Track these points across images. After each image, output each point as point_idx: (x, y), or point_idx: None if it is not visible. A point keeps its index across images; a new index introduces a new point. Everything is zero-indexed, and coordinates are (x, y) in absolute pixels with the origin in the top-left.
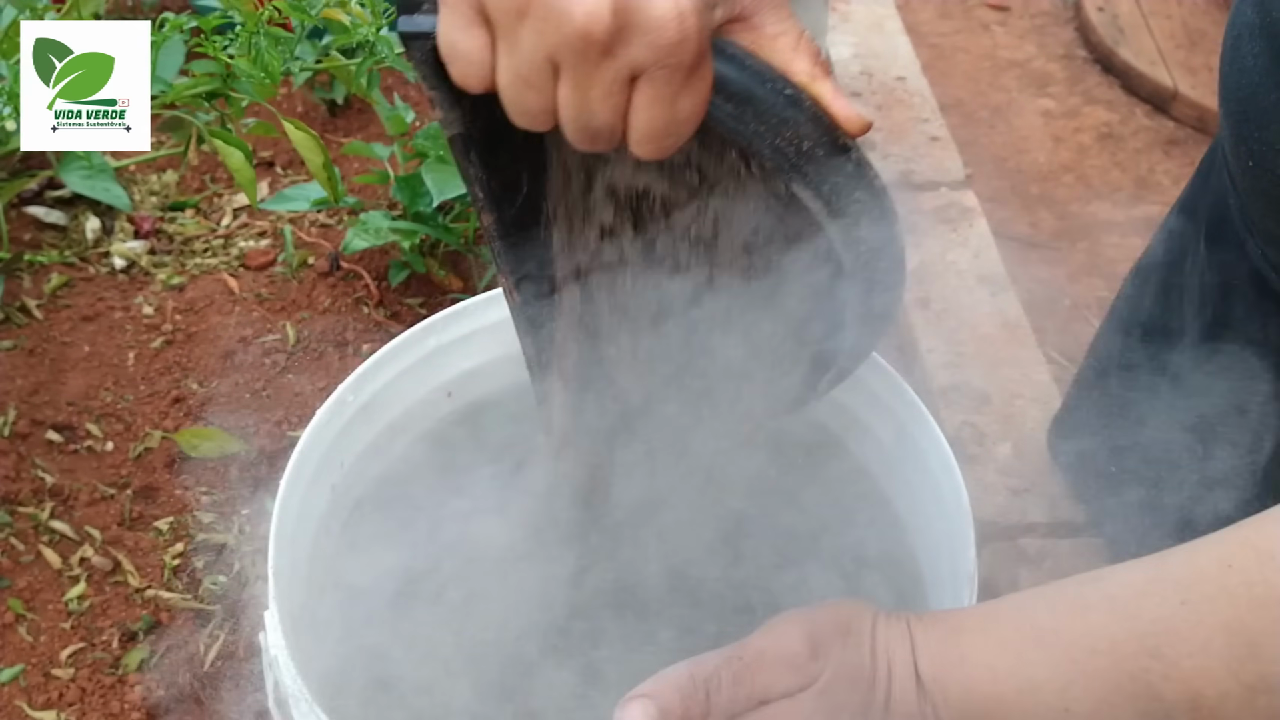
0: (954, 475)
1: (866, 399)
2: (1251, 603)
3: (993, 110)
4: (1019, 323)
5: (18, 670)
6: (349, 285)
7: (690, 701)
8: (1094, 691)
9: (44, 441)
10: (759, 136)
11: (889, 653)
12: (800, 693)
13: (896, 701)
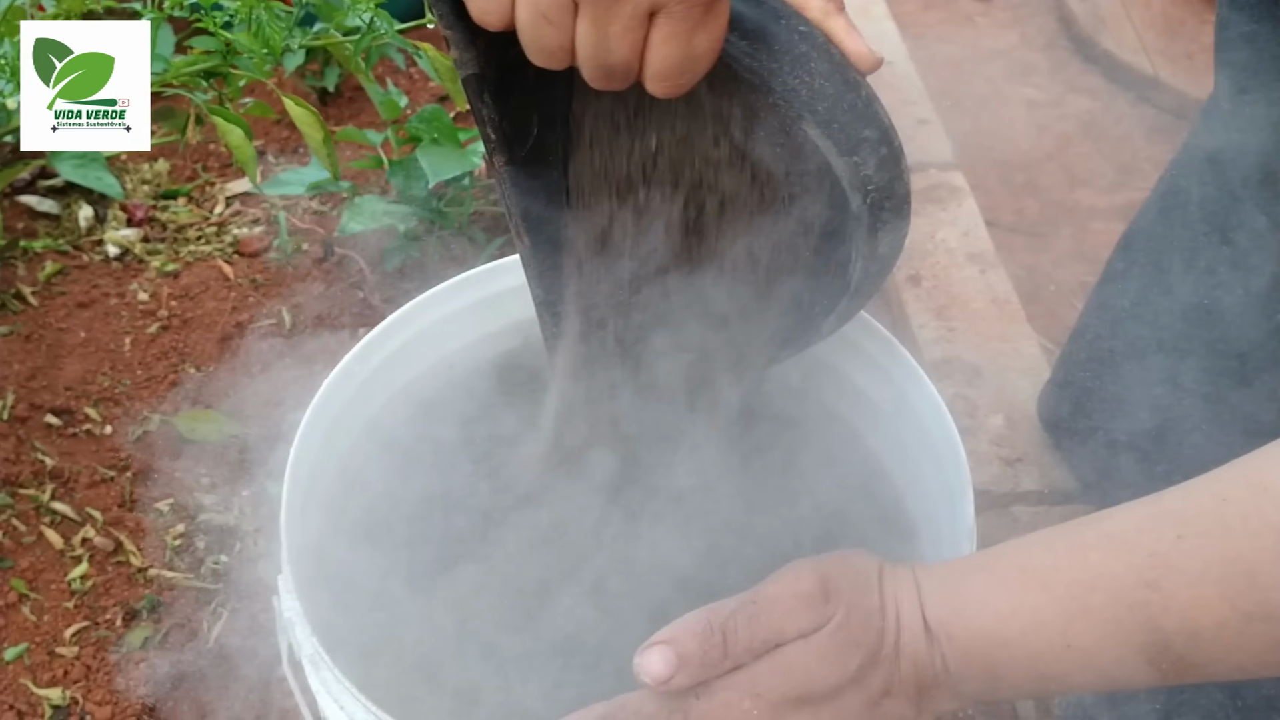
0: (951, 433)
1: (864, 364)
2: (1247, 534)
3: (977, 100)
4: (1008, 298)
5: (22, 649)
6: (344, 271)
7: (708, 645)
8: (1094, 627)
9: (43, 425)
10: (772, 73)
11: (896, 599)
12: (814, 633)
13: (906, 644)
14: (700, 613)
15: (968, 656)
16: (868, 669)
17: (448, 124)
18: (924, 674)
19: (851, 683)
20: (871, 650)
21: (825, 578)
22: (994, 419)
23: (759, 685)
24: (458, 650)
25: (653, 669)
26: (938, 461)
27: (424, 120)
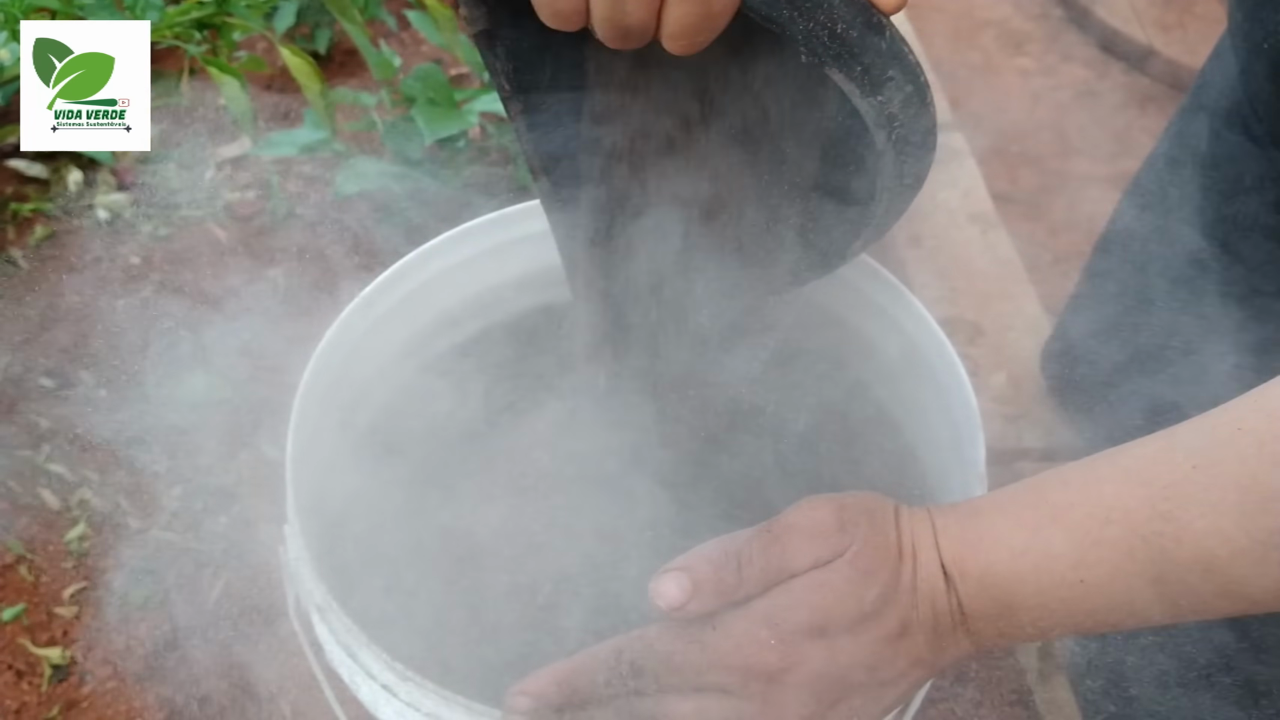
0: (962, 381)
1: (872, 314)
2: (1263, 460)
3: (971, 70)
4: (1009, 259)
5: (20, 609)
6: (338, 234)
7: (722, 571)
8: (1107, 560)
9: (37, 387)
10: (792, 22)
11: (913, 537)
12: (830, 562)
13: (922, 583)
14: (715, 541)
15: (982, 594)
16: (884, 604)
17: (443, 83)
18: (941, 616)
19: (868, 616)
20: (887, 585)
21: (841, 509)
22: (996, 377)
23: (775, 616)
24: (466, 596)
25: (667, 593)
26: (948, 410)
27: (419, 80)
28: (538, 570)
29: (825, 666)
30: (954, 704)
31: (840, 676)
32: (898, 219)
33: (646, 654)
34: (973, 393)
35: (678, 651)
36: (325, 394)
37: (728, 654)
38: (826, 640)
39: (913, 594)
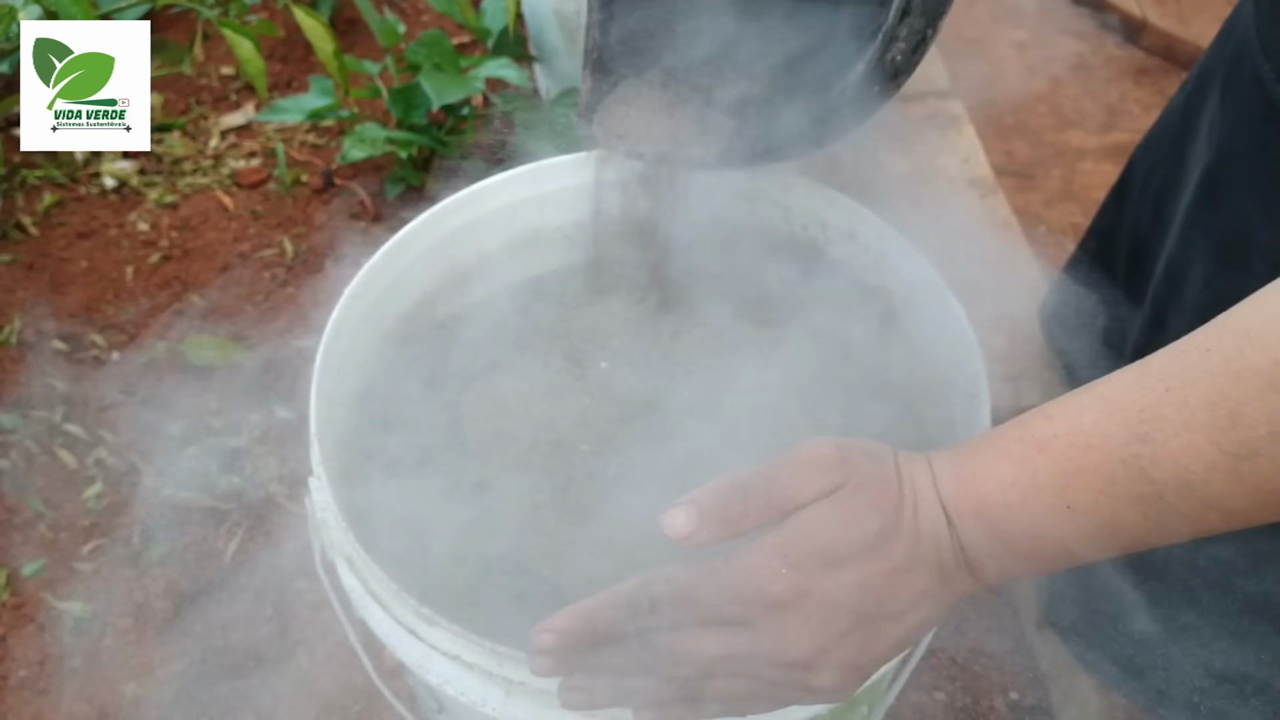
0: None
1: (874, 263)
2: (1229, 377)
3: (966, 42)
4: (1008, 221)
5: (40, 565)
6: (344, 201)
7: (728, 503)
8: (1090, 485)
9: (51, 350)
10: None
11: (913, 478)
12: (832, 493)
13: (923, 521)
14: (722, 477)
15: (979, 530)
16: (888, 537)
17: (449, 50)
18: (944, 554)
19: (874, 548)
20: (889, 518)
21: (842, 447)
22: (996, 338)
23: (784, 546)
24: (488, 543)
25: (675, 524)
26: (951, 358)
27: (425, 45)
28: (561, 514)
29: (835, 595)
30: (955, 653)
31: (850, 606)
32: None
33: (665, 589)
34: (978, 345)
35: (694, 585)
36: (347, 351)
37: (740, 585)
38: (835, 570)
39: (915, 531)
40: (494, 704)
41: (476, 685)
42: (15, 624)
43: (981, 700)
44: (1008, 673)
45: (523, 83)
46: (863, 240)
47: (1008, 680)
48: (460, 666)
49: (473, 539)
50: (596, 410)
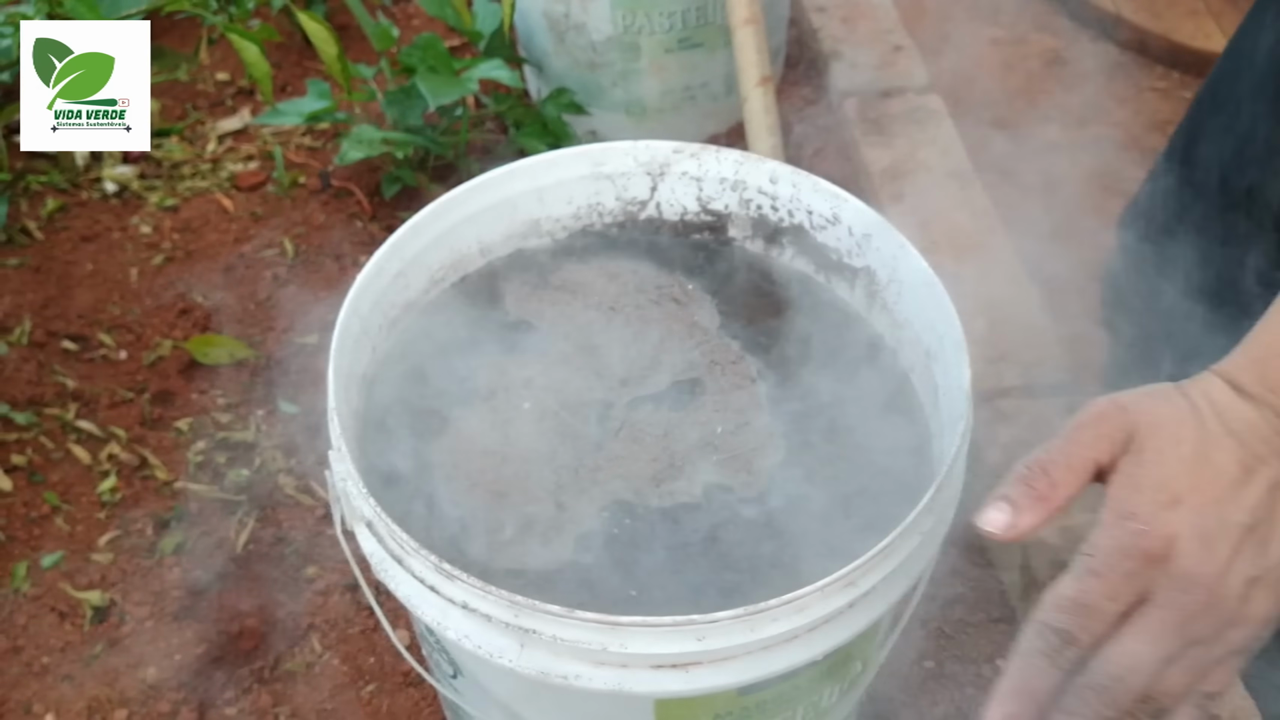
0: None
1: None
2: None
3: (943, 39)
4: (986, 211)
5: (58, 556)
6: (341, 202)
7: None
8: None
9: (60, 350)
10: None
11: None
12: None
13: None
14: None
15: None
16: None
17: (443, 52)
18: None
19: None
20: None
21: (1115, 399)
22: (976, 322)
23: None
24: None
25: (994, 520)
26: (935, 331)
27: (420, 49)
28: (572, 480)
29: (1197, 525)
30: (941, 623)
31: (1217, 529)
32: None
33: (1056, 616)
34: (956, 315)
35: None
36: (359, 334)
37: (1114, 566)
38: (1181, 505)
39: (1229, 437)
40: (510, 655)
41: (493, 637)
42: (36, 613)
43: (969, 668)
44: (992, 641)
45: (514, 83)
46: (846, 224)
47: (994, 648)
48: (477, 620)
49: (481, 501)
50: (595, 378)
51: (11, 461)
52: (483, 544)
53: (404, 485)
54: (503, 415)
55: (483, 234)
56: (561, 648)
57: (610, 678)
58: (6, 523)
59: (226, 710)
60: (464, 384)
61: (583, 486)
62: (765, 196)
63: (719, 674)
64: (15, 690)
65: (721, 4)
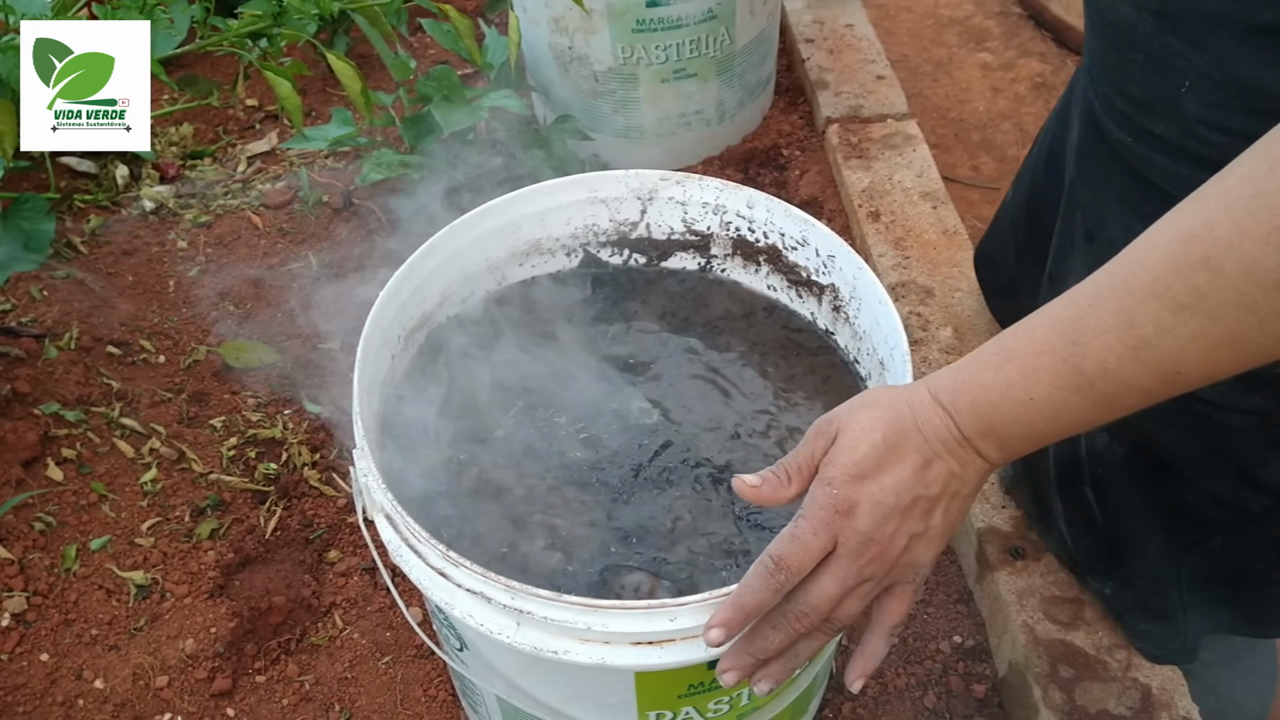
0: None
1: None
2: (1126, 291)
3: (935, 64)
4: (957, 229)
5: (105, 540)
6: (362, 220)
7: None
8: (1043, 381)
9: (105, 354)
10: None
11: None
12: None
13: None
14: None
15: (973, 421)
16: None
17: (456, 82)
18: (950, 444)
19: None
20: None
21: (831, 412)
22: (944, 331)
23: (824, 476)
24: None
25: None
26: (886, 343)
27: (434, 79)
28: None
29: (876, 494)
30: None
31: (894, 502)
32: None
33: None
34: (892, 306)
35: (789, 533)
36: (381, 343)
37: (814, 516)
38: (868, 480)
39: (919, 432)
40: (509, 632)
41: (494, 617)
42: (86, 590)
43: (929, 644)
44: (952, 619)
45: (522, 111)
46: (813, 245)
47: (951, 626)
48: (479, 601)
49: (486, 492)
50: (587, 378)
51: (63, 455)
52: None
53: (414, 476)
54: (510, 419)
55: (490, 253)
56: (552, 627)
57: (595, 653)
58: (58, 510)
59: (257, 678)
60: (469, 386)
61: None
62: (743, 220)
63: (691, 650)
64: (68, 659)
65: (714, 38)
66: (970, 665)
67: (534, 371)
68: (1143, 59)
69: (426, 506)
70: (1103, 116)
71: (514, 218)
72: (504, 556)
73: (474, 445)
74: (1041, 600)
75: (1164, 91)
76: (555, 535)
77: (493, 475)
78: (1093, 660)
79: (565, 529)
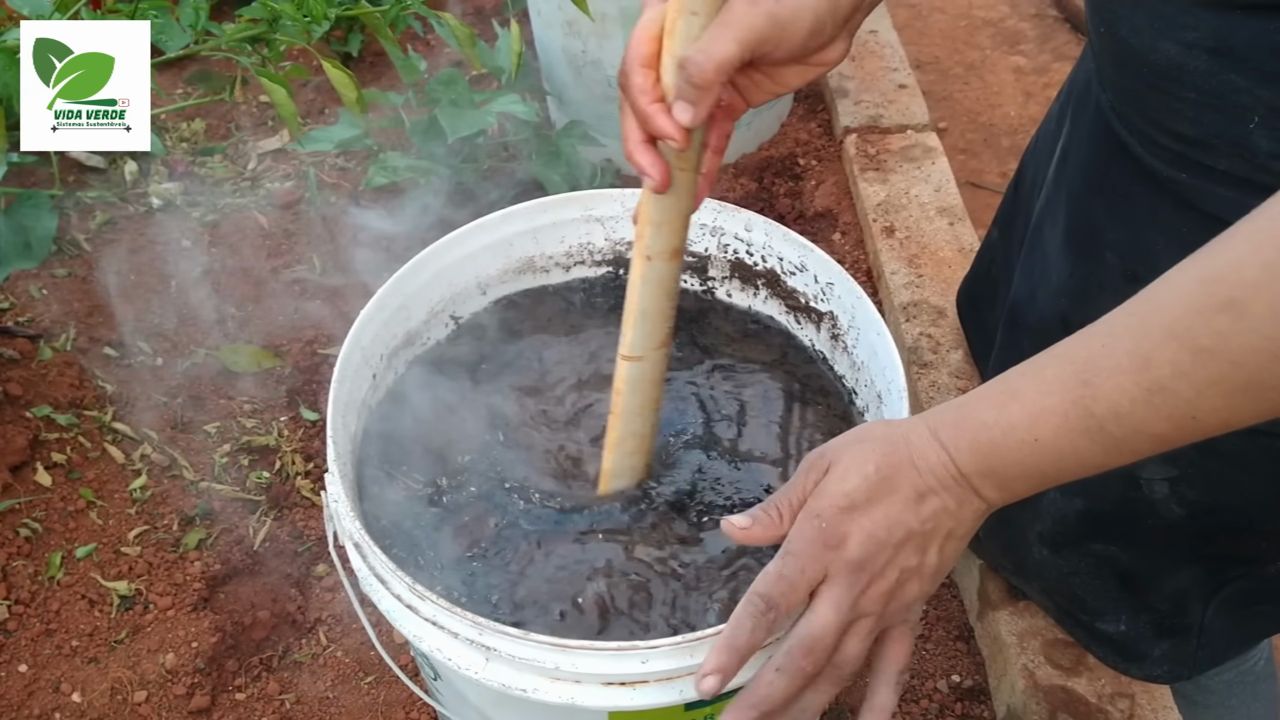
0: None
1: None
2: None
3: (967, 67)
4: (973, 247)
5: (91, 548)
6: (370, 221)
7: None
8: (1051, 422)
9: (102, 356)
10: None
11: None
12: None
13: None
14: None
15: (972, 459)
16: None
17: (464, 86)
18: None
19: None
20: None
21: (825, 446)
22: (955, 355)
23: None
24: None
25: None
26: (884, 377)
27: (442, 83)
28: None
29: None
30: None
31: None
32: None
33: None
34: (890, 337)
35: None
36: (360, 363)
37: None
38: (858, 512)
39: (914, 467)
40: (477, 668)
41: (463, 651)
42: (69, 600)
43: (926, 682)
44: (951, 657)
45: (530, 116)
46: (812, 271)
47: (950, 664)
48: (447, 636)
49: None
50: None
51: (52, 459)
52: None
53: (396, 501)
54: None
55: (480, 271)
56: (521, 664)
57: (565, 692)
58: (45, 516)
59: (237, 695)
60: (457, 405)
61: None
62: (741, 242)
63: (665, 692)
64: (46, 670)
65: None
66: (968, 706)
67: (522, 390)
68: (1195, 98)
69: (407, 530)
70: (1143, 155)
71: (506, 234)
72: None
73: (458, 467)
74: (1043, 643)
75: (1226, 129)
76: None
77: (476, 498)
78: (1094, 709)
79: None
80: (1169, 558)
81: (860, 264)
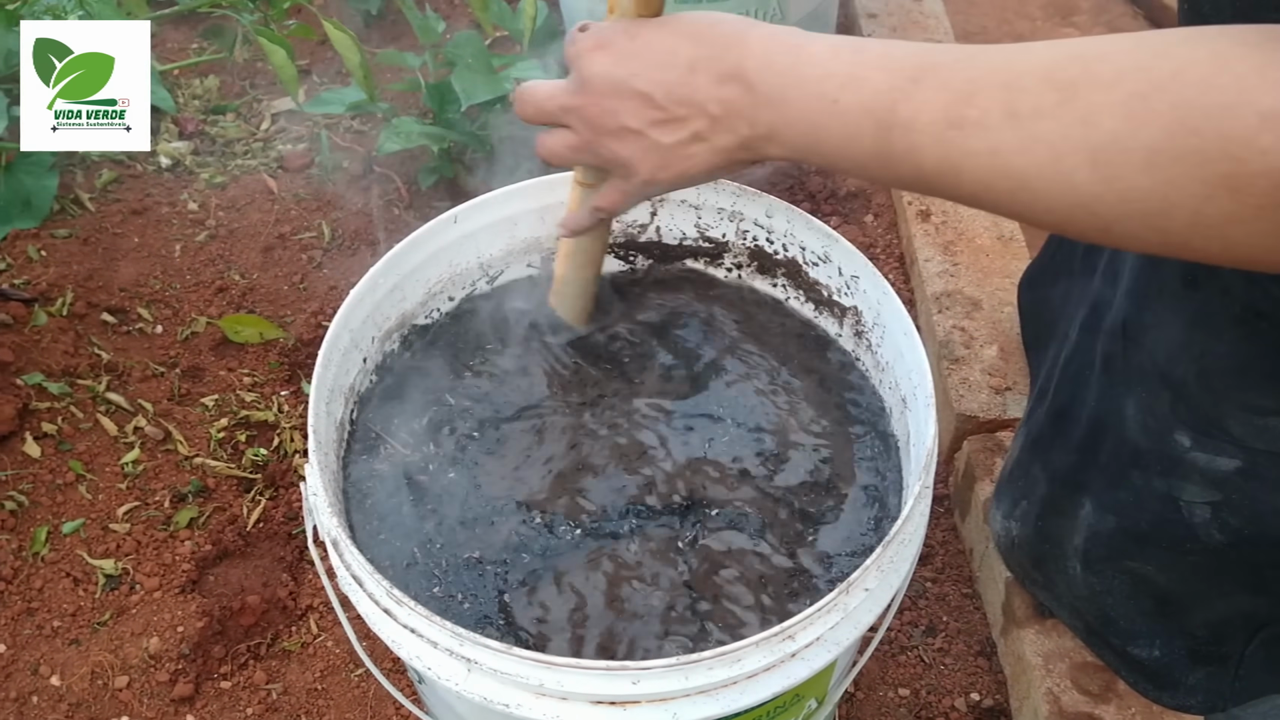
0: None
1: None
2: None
3: (1016, 38)
4: (1013, 235)
5: (78, 524)
6: (381, 188)
7: None
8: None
9: (99, 322)
10: None
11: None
12: None
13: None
14: None
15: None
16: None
17: (482, 50)
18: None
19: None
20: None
21: None
22: (989, 350)
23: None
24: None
25: None
26: (910, 380)
27: (459, 45)
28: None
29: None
30: (921, 652)
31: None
32: None
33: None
34: (920, 340)
35: None
36: (349, 347)
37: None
38: (606, 48)
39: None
40: (458, 679)
41: (443, 661)
42: (52, 578)
43: (944, 699)
44: (970, 674)
45: None
46: (836, 263)
47: (970, 681)
48: (426, 644)
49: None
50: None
51: (42, 430)
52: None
53: (387, 492)
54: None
55: (482, 250)
56: (504, 678)
57: (550, 709)
58: (32, 489)
59: (222, 684)
60: (451, 390)
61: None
62: (761, 229)
63: (657, 713)
64: (25, 651)
65: (764, 12)
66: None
67: (522, 375)
68: None
69: (397, 524)
70: None
71: (511, 213)
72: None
73: (451, 456)
74: (1071, 666)
75: None
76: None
77: (470, 489)
78: None
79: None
80: (1210, 585)
81: (893, 249)
